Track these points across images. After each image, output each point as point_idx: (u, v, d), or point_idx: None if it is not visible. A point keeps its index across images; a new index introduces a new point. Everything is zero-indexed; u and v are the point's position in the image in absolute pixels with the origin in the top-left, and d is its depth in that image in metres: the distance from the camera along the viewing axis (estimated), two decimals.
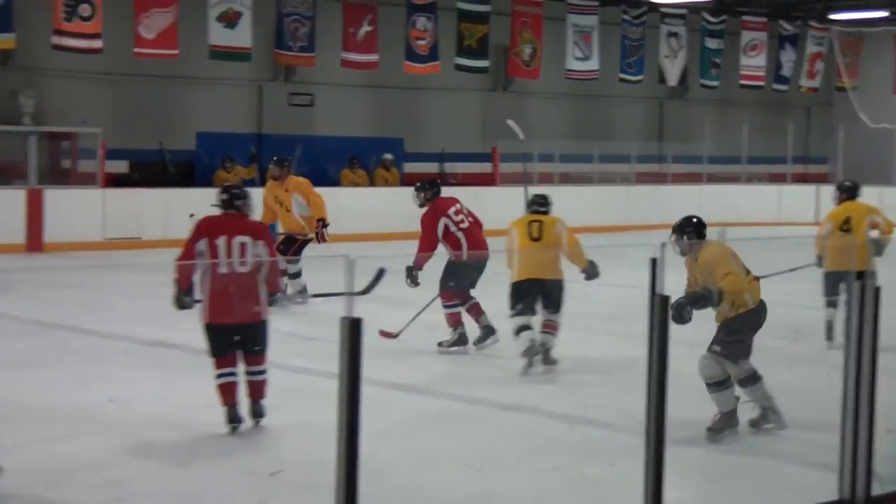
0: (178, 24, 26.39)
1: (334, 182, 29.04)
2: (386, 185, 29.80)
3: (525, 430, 10.83)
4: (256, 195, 13.25)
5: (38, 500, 8.72)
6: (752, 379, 10.30)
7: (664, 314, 5.14)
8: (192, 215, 17.87)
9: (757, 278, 10.53)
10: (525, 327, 13.38)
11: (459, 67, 31.07)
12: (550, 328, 13.44)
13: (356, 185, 29.15)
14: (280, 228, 18.02)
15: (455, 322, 14.53)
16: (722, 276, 10.08)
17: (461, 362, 13.93)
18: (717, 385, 10.27)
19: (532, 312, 13.48)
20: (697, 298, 10.06)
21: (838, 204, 15.49)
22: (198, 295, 10.91)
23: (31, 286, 19.32)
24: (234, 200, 11.04)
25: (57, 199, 24.28)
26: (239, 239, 10.74)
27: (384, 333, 14.15)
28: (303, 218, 17.67)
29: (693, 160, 35.01)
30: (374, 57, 29.54)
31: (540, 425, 11.07)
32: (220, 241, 10.67)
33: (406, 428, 10.54)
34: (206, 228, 10.92)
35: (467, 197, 25.34)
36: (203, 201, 17.50)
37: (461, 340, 14.52)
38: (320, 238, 17.66)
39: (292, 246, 17.73)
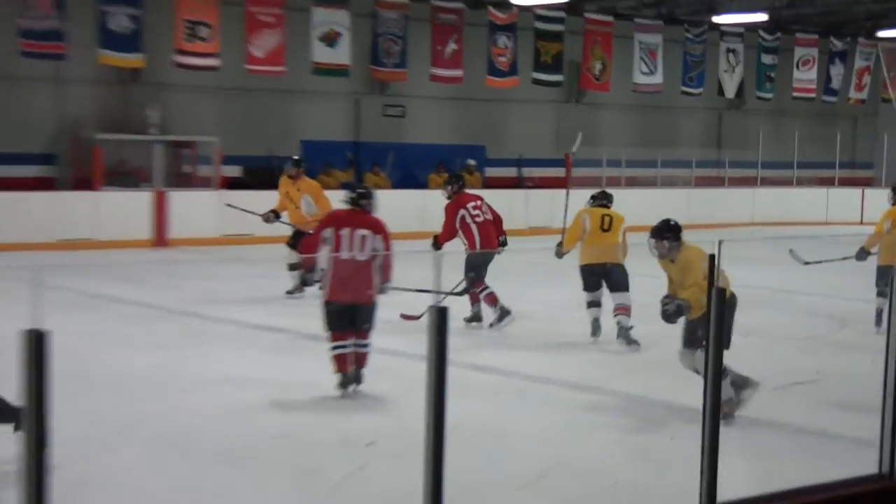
0: (285, 44, 26.69)
1: (423, 185, 29.18)
2: (469, 188, 29.89)
3: (593, 407, 10.99)
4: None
5: (161, 465, 8.95)
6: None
7: (721, 304, 5.25)
8: (267, 213, 18.19)
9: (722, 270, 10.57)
10: (592, 304, 14.22)
11: (536, 81, 31.11)
12: (622, 310, 13.92)
13: (442, 187, 29.10)
14: (287, 220, 17.95)
15: (492, 301, 15.03)
16: (689, 285, 10.25)
17: (535, 347, 14.03)
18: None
19: (596, 290, 14.20)
20: (678, 312, 10.30)
21: (893, 205, 15.55)
22: (318, 276, 11.43)
23: (158, 277, 19.62)
24: (360, 199, 11.68)
25: (179, 200, 24.53)
26: (360, 232, 11.34)
27: (406, 316, 14.48)
28: (311, 216, 17.61)
29: (748, 165, 34.81)
30: (459, 72, 29.68)
31: (606, 403, 11.24)
32: (345, 232, 11.29)
33: (488, 405, 10.67)
34: (333, 220, 11.64)
35: (543, 199, 25.71)
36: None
37: (504, 314, 14.98)
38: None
39: (302, 239, 17.55)
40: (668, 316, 10.41)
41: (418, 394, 4.13)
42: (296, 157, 18.39)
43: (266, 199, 23.80)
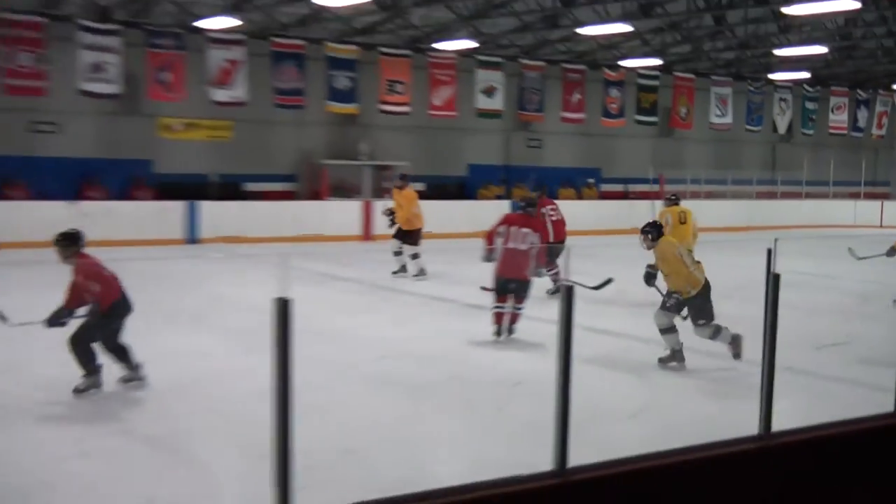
0: (456, 95, 26.83)
1: (554, 196, 29.13)
2: (589, 199, 29.76)
3: None
4: (504, 207, 13.61)
5: (366, 397, 9.03)
6: (670, 329, 10.29)
7: (776, 287, 5.11)
8: (385, 210, 18.32)
9: (698, 262, 10.48)
10: None
11: (638, 122, 30.94)
12: None
13: (568, 199, 29.07)
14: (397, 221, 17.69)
15: (556, 278, 15.11)
16: (667, 274, 10.39)
17: (634, 313, 13.84)
18: (667, 330, 10.27)
19: None
20: (678, 301, 10.27)
21: None
22: (495, 256, 11.75)
23: (365, 261, 19.81)
24: (527, 207, 12.40)
25: (380, 207, 24.72)
26: (524, 230, 11.84)
27: (485, 289, 14.54)
28: (414, 215, 17.52)
29: (795, 183, 34.07)
30: (582, 115, 29.60)
31: (687, 356, 11.10)
32: (514, 229, 11.81)
33: (602, 359, 10.59)
34: (507, 220, 12.09)
35: (642, 206, 25.39)
36: (464, 211, 17.74)
37: (558, 289, 15.11)
38: (409, 228, 17.46)
39: (411, 236, 17.48)
40: (665, 304, 10.38)
41: (552, 347, 4.09)
42: (402, 173, 18.44)
43: (440, 207, 23.89)
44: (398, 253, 17.53)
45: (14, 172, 21.94)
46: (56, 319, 8.79)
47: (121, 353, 9.06)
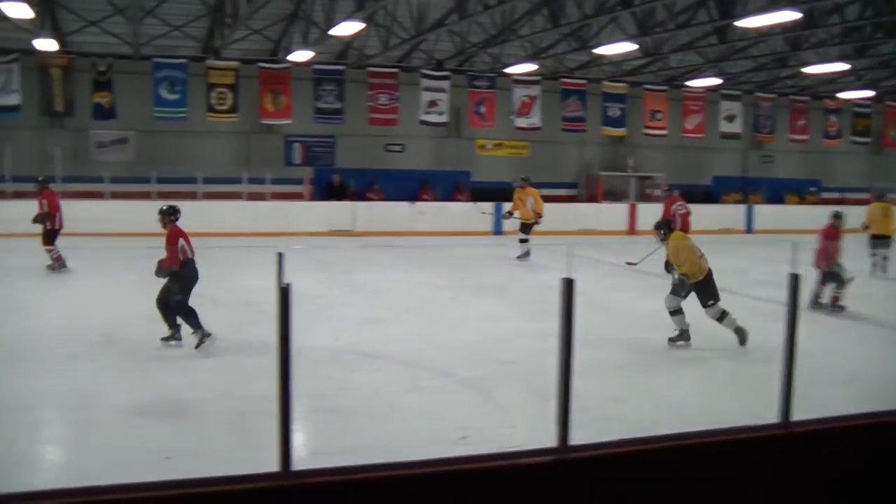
0: (703, 121, 25.90)
1: (781, 201, 27.53)
2: (809, 205, 27.89)
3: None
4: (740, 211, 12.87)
5: (622, 353, 8.87)
6: (678, 311, 9.32)
7: None
8: (505, 213, 17.73)
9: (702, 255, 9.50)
10: (874, 254, 15.25)
11: (853, 142, 28.72)
12: (885, 258, 15.24)
13: (792, 204, 27.38)
14: (518, 216, 17.13)
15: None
16: (681, 263, 9.29)
17: (860, 299, 12.86)
18: (676, 313, 9.30)
19: (878, 248, 15.26)
20: (681, 284, 9.33)
21: None
22: None
23: (631, 251, 19.26)
24: (833, 218, 12.04)
25: (643, 208, 24.08)
26: (817, 235, 11.74)
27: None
28: (531, 211, 16.91)
29: None
30: (806, 136, 27.89)
31: (869, 330, 10.22)
32: (818, 235, 11.69)
33: (825, 333, 9.92)
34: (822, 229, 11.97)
35: (856, 208, 23.58)
36: (710, 213, 16.92)
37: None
38: (535, 223, 16.89)
39: (527, 227, 16.87)
40: (676, 289, 9.40)
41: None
42: (522, 177, 17.78)
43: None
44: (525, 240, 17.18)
45: (373, 181, 23.05)
46: (161, 272, 8.57)
47: (172, 313, 8.55)
